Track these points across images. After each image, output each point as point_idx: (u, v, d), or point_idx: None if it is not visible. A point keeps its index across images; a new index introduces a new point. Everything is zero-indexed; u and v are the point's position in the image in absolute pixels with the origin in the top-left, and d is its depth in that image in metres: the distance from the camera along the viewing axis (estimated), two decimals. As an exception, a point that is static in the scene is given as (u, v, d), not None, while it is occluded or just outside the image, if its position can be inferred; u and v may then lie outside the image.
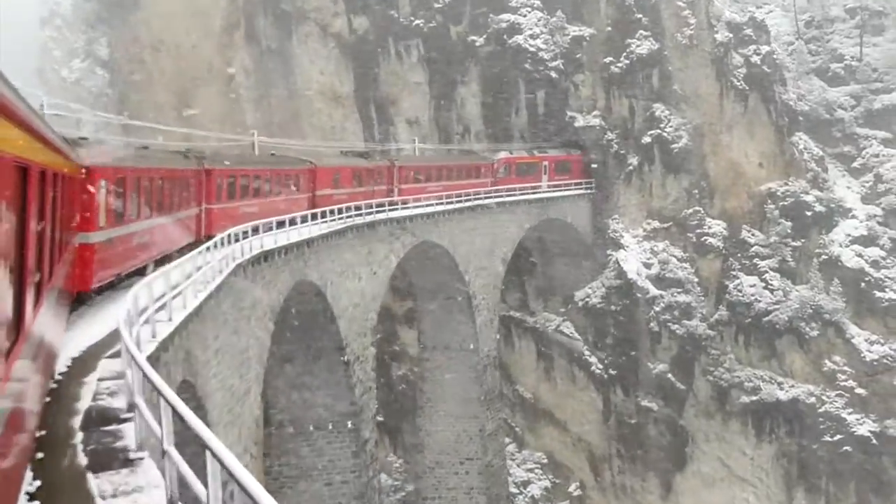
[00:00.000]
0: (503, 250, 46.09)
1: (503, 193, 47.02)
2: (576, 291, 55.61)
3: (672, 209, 55.36)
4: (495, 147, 56.86)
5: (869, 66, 58.37)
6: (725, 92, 54.08)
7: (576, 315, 55.24)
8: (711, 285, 54.02)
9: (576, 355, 54.17)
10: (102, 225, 15.76)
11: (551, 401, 54.73)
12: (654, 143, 54.95)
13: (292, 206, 30.93)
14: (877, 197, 54.42)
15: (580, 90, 57.30)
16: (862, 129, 56.94)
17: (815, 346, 51.91)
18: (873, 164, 55.47)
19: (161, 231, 20.28)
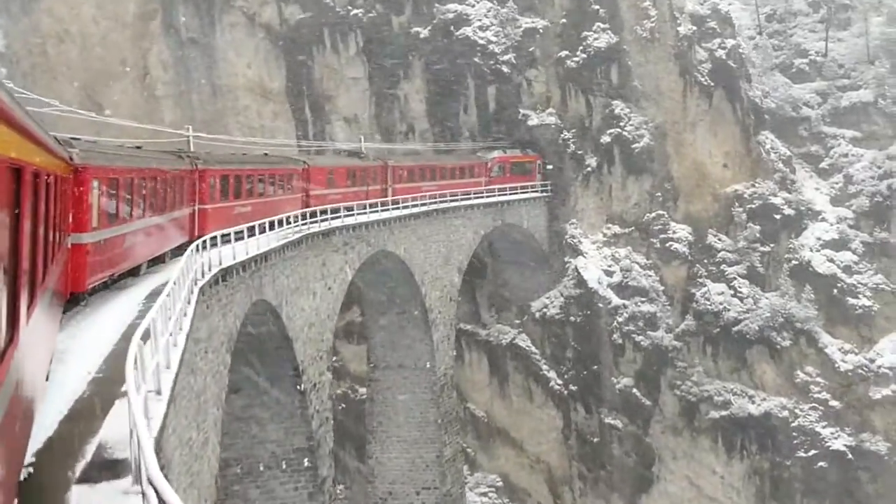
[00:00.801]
0: (459, 258, 46.95)
1: (458, 197, 48.28)
2: (532, 302, 57.48)
3: (634, 213, 57.95)
4: (442, 147, 58.64)
5: (835, 61, 62.58)
6: (689, 88, 57.20)
7: (532, 327, 57.06)
8: (677, 293, 56.52)
9: (533, 370, 55.84)
10: (95, 225, 17.22)
11: (506, 419, 56.15)
12: (614, 142, 57.50)
13: (286, 205, 33.74)
14: (847, 199, 58.08)
15: (533, 86, 59.64)
16: (829, 128, 60.84)
17: (787, 357, 54.67)
18: (842, 164, 59.26)
19: (154, 231, 22.14)
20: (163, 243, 23.52)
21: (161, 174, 22.94)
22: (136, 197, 20.38)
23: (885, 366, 53.69)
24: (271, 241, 26.79)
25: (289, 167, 36.77)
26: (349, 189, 42.27)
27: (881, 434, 52.98)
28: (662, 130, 57.76)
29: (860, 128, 60.35)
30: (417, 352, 45.19)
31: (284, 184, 35.63)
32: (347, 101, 62.92)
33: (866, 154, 58.69)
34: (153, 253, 22.44)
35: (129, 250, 20.03)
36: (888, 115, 59.21)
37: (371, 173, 45.78)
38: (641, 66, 58.16)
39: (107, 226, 18.00)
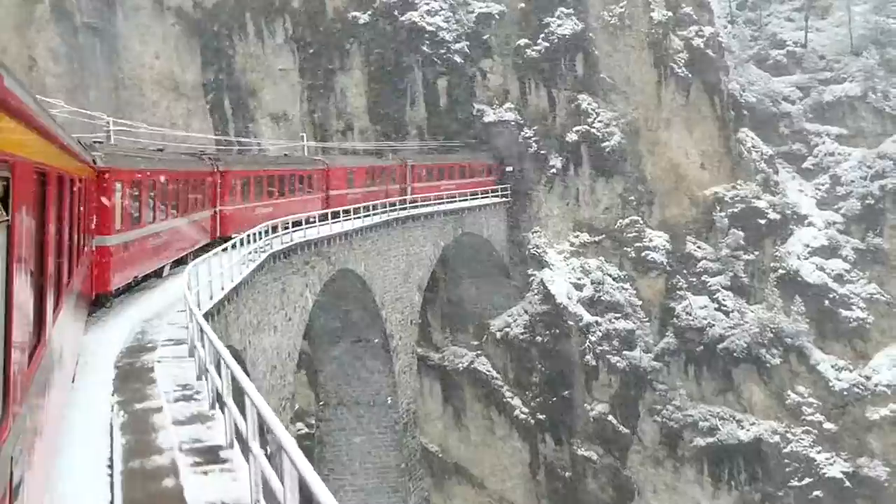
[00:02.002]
0: (419, 275, 47.84)
1: (418, 203, 49.52)
2: (491, 320, 59.45)
3: (604, 219, 60.76)
4: (386, 147, 60.22)
5: (815, 52, 67.50)
6: (664, 80, 60.69)
7: (493, 349, 58.97)
8: (655, 308, 59.27)
9: (494, 398, 57.43)
10: (119, 228, 19.98)
11: (464, 454, 57.74)
12: (581, 141, 60.40)
13: (306, 205, 38.88)
14: (835, 201, 62.39)
15: (489, 78, 62.18)
16: (812, 125, 65.42)
17: (777, 376, 57.91)
18: (828, 163, 63.74)
19: (176, 233, 25.48)
20: (185, 245, 26.90)
21: (182, 176, 26.39)
22: (159, 199, 23.41)
23: (882, 383, 57.40)
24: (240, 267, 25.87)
25: (309, 168, 42.55)
26: (369, 189, 48.01)
27: (880, 458, 56.32)
28: (634, 127, 60.90)
29: (846, 124, 65.04)
30: (376, 385, 45.34)
31: (304, 184, 40.90)
32: (275, 96, 64.14)
33: (854, 153, 63.29)
34: (176, 254, 25.83)
35: (153, 252, 23.07)
36: (877, 110, 64.11)
37: (390, 173, 51.42)
38: (610, 56, 61.47)
39: (130, 228, 20.76)
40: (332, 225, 36.38)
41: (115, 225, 19.78)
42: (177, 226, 25.75)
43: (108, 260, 19.18)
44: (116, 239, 19.81)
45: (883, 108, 63.99)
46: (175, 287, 21.87)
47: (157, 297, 21.92)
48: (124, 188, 20.41)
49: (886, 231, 60.90)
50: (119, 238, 19.98)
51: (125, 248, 20.44)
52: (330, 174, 44.40)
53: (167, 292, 22.32)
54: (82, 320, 15.28)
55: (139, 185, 21.64)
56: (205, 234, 29.95)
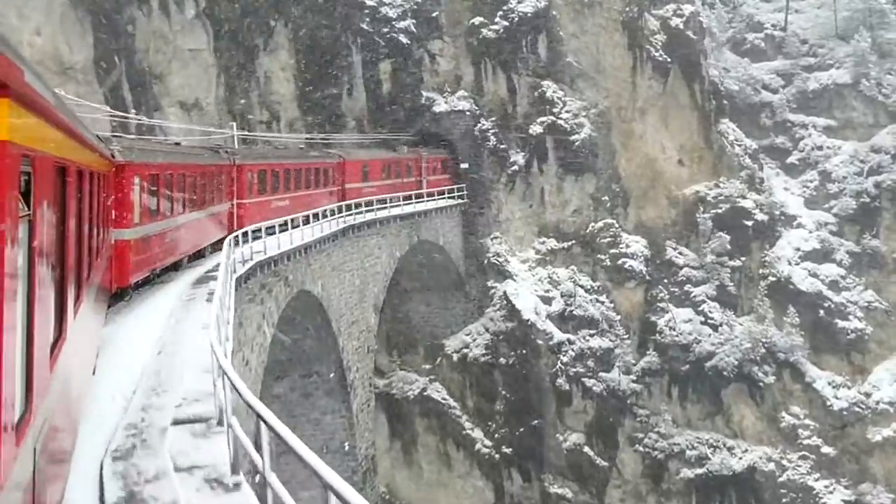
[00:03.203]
0: (374, 292, 46.42)
1: (374, 207, 47.57)
2: (446, 340, 58.54)
3: (574, 223, 60.42)
4: (319, 140, 58.78)
5: (796, 36, 69.48)
6: (640, 65, 60.82)
7: (448, 373, 58.11)
8: (634, 323, 59.23)
9: (451, 429, 56.43)
10: (137, 222, 21.92)
11: (415, 495, 56.52)
12: (546, 133, 59.88)
13: (322, 199, 42.89)
14: (825, 200, 64.04)
15: (438, 62, 61.37)
16: (796, 115, 66.87)
17: (770, 396, 58.42)
18: (816, 158, 65.47)
19: (194, 226, 28.06)
20: (202, 238, 29.91)
21: (200, 170, 28.98)
22: (176, 193, 25.78)
23: (883, 401, 58.78)
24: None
25: (324, 161, 46.64)
26: (384, 182, 52.97)
27: (882, 483, 57.18)
28: (606, 119, 60.73)
29: (833, 115, 66.77)
30: (329, 428, 43.57)
31: (321, 178, 44.99)
32: (184, 80, 61.67)
33: (845, 146, 65.17)
34: (194, 248, 28.68)
35: (171, 245, 25.38)
36: (869, 99, 66.02)
37: (405, 166, 55.85)
38: (577, 37, 61.51)
39: (148, 222, 22.85)
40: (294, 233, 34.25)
41: (134, 219, 21.70)
42: (194, 220, 28.41)
43: (126, 254, 20.93)
44: (135, 233, 21.67)
45: (875, 97, 66.00)
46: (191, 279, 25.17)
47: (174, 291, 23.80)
48: (142, 182, 22.43)
49: (882, 232, 62.70)
50: (137, 232, 21.85)
51: (144, 242, 22.38)
52: (346, 167, 48.80)
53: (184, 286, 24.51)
54: (102, 313, 16.81)
55: (157, 179, 23.81)
56: (222, 228, 33.04)
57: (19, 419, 5.17)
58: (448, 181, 59.66)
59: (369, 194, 48.33)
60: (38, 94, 5.37)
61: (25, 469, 5.17)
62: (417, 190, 54.94)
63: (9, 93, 4.62)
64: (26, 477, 5.22)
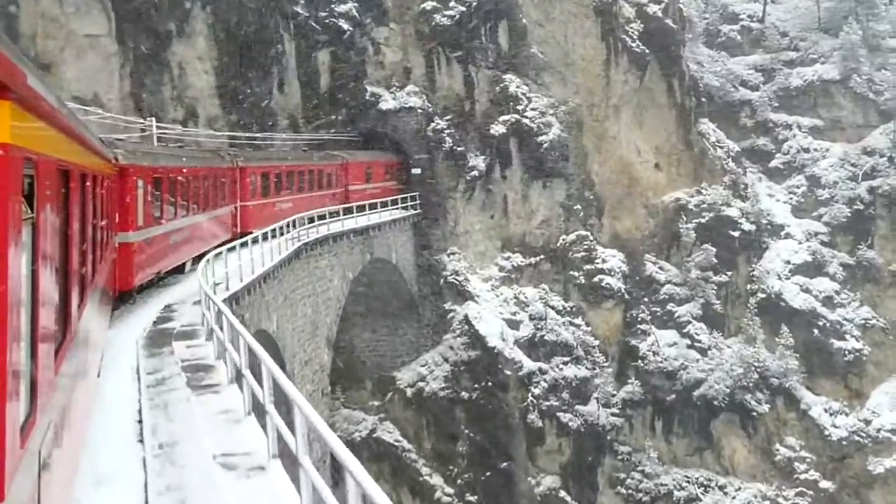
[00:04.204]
0: (327, 322, 40.04)
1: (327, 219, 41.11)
2: (397, 372, 51.77)
3: (542, 235, 53.78)
4: (244, 142, 50.88)
5: (776, 28, 62.91)
6: (615, 57, 54.08)
7: (401, 410, 51.31)
8: (612, 348, 52.76)
9: (406, 475, 50.00)
10: (141, 224, 22.28)
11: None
12: (510, 134, 53.35)
13: (325, 200, 43.91)
14: (814, 207, 57.56)
15: (384, 52, 54.32)
16: (778, 115, 60.55)
17: (763, 426, 52.72)
18: (802, 161, 58.88)
19: (198, 229, 28.46)
20: (206, 241, 29.88)
21: (203, 172, 29.53)
22: (180, 195, 26.15)
23: (884, 428, 52.98)
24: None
25: (327, 163, 47.03)
26: (387, 183, 52.62)
27: (886, 520, 52.10)
28: (577, 117, 54.22)
29: (819, 114, 60.58)
30: None
31: (323, 179, 45.68)
32: (80, 71, 52.51)
33: (833, 148, 58.76)
34: (197, 250, 28.54)
35: (175, 248, 25.75)
36: (858, 96, 59.81)
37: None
38: (542, 25, 54.43)
39: (152, 225, 23.10)
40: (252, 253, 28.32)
41: (138, 222, 21.86)
42: (198, 222, 28.80)
43: (130, 257, 21.16)
44: (138, 236, 21.89)
45: (866, 95, 59.72)
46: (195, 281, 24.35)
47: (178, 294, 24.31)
48: (146, 185, 22.54)
49: (878, 242, 56.55)
50: (141, 235, 22.09)
51: (147, 244, 22.64)
52: (349, 169, 48.54)
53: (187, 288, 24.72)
54: (107, 316, 17.07)
55: (160, 181, 24.04)
56: (226, 230, 33.46)
57: (24, 422, 5.09)
58: (394, 189, 52.26)
59: (372, 196, 48.97)
60: (41, 97, 5.37)
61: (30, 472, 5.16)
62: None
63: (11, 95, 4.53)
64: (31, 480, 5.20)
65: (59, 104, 6.46)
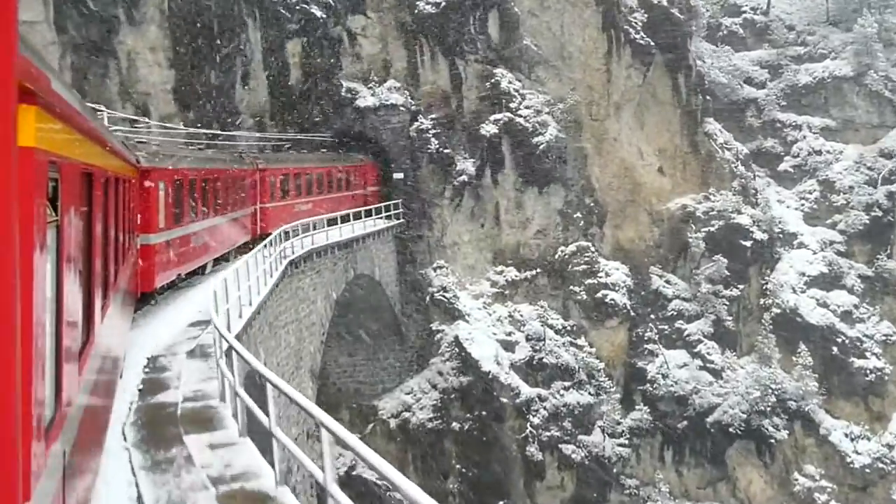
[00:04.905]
0: (310, 351, 35.03)
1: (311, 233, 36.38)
2: (378, 401, 47.34)
3: (538, 247, 49.35)
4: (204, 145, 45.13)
5: (781, 21, 58.07)
6: (618, 50, 49.36)
7: (384, 443, 46.80)
8: (617, 371, 47.85)
9: None
10: (163, 226, 23.08)
11: None
12: (502, 134, 49.00)
13: (347, 202, 43.90)
14: (828, 214, 52.97)
15: (361, 44, 49.42)
16: (786, 114, 55.93)
17: (780, 454, 48.35)
18: (814, 164, 54.19)
19: (218, 231, 30.04)
20: (227, 242, 31.32)
21: (224, 174, 30.51)
22: (201, 197, 27.25)
23: (910, 454, 48.33)
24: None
25: (347, 164, 46.42)
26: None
27: (914, 555, 47.73)
28: (576, 116, 49.71)
29: (830, 113, 55.93)
30: None
31: (343, 181, 45.27)
32: (14, 62, 46.80)
33: (847, 150, 54.18)
34: (218, 252, 30.05)
35: (196, 250, 26.78)
36: (874, 94, 55.25)
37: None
38: (536, 14, 49.78)
39: (173, 226, 23.94)
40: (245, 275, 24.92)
41: (159, 224, 22.21)
42: (219, 224, 29.21)
43: (152, 258, 21.51)
44: (160, 237, 22.23)
45: (881, 93, 55.11)
46: None
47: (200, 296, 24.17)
48: (167, 187, 22.93)
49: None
50: (163, 237, 22.46)
51: (169, 246, 23.02)
52: (367, 171, 47.87)
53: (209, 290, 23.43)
54: (129, 318, 17.13)
55: (182, 183, 24.44)
56: (246, 231, 33.91)
57: (49, 422, 5.06)
58: (374, 197, 48.02)
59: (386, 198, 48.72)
60: (65, 102, 5.34)
61: (55, 471, 5.12)
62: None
63: (36, 100, 4.46)
64: (56, 480, 5.16)
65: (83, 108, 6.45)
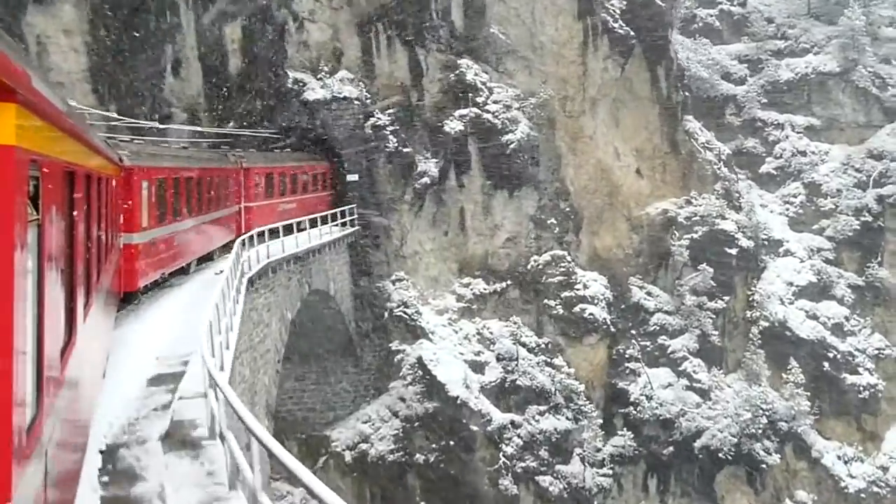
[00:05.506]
0: (265, 382, 29.86)
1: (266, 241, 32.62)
2: (330, 431, 42.72)
3: (509, 256, 45.58)
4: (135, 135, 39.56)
5: (760, 13, 54.23)
6: (594, 40, 45.28)
7: (338, 478, 42.07)
8: (596, 392, 43.40)
9: None
10: (146, 226, 22.76)
11: None
12: (468, 132, 45.05)
13: (323, 203, 43.34)
14: (815, 219, 49.37)
15: (308, 30, 44.75)
16: (767, 112, 52.18)
17: (771, 479, 44.97)
18: (798, 166, 50.50)
19: (202, 230, 29.65)
20: (211, 241, 30.90)
21: (207, 173, 30.28)
22: (185, 196, 26.86)
23: (905, 476, 44.91)
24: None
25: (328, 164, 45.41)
26: None
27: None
28: (549, 113, 45.74)
29: (813, 111, 52.20)
30: None
31: (327, 180, 44.25)
32: None
33: (832, 151, 50.68)
34: (202, 251, 29.57)
35: (179, 249, 26.34)
36: (861, 92, 51.71)
37: None
38: (504, 0, 44.29)
39: (157, 225, 23.63)
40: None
41: (142, 223, 21.93)
42: (203, 223, 28.85)
43: (135, 258, 21.06)
44: (143, 237, 21.93)
45: (868, 90, 51.47)
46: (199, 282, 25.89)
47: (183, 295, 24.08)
48: (151, 186, 22.70)
49: (888, 258, 48.66)
50: (146, 236, 22.13)
51: (152, 245, 22.74)
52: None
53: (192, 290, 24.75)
54: (112, 317, 16.81)
55: (165, 183, 24.17)
56: (230, 230, 33.26)
57: (31, 422, 5.04)
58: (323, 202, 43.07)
59: None
60: (46, 99, 5.30)
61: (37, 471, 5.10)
62: None
63: (16, 98, 4.48)
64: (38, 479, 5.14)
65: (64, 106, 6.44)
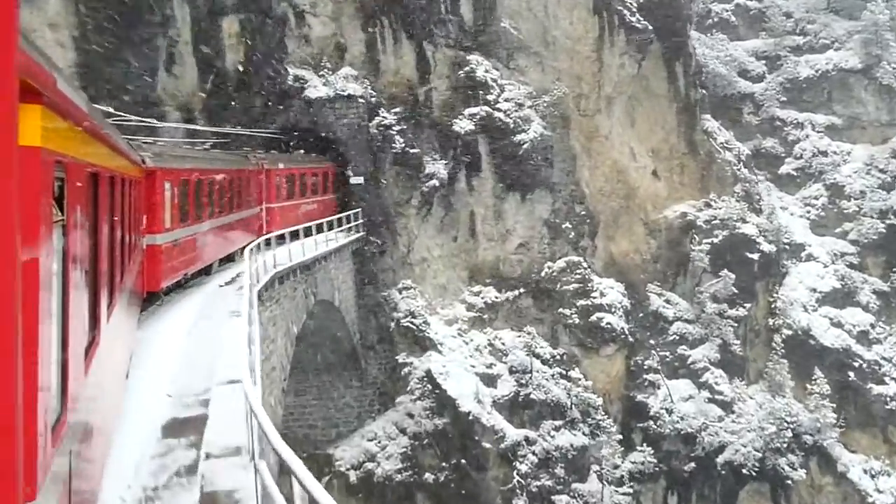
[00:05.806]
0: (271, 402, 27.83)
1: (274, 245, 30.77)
2: (334, 449, 40.42)
3: (521, 263, 43.88)
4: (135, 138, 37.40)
5: (778, 8, 52.16)
6: (611, 35, 43.73)
7: (344, 499, 39.67)
8: (614, 405, 41.37)
9: None
10: (168, 227, 22.81)
11: None
12: (479, 132, 43.36)
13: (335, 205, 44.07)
14: (837, 222, 47.52)
15: (310, 24, 43.10)
16: (786, 111, 50.19)
17: (796, 495, 43.26)
18: (819, 167, 48.62)
19: (224, 231, 29.66)
20: (233, 242, 30.75)
21: (229, 174, 30.33)
22: (207, 198, 26.95)
23: (934, 493, 43.04)
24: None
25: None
26: None
27: None
28: (563, 111, 43.84)
29: (834, 110, 50.44)
30: None
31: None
32: None
33: (855, 150, 48.92)
34: (224, 252, 29.65)
35: (201, 250, 26.45)
36: (884, 89, 49.94)
37: None
38: None
39: (179, 227, 23.66)
40: None
41: (165, 224, 21.84)
42: (225, 224, 28.91)
43: (158, 258, 21.07)
44: (166, 238, 21.88)
45: (891, 87, 50.28)
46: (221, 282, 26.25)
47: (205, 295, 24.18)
48: (173, 187, 22.59)
49: None
50: (168, 237, 22.12)
51: (175, 246, 22.75)
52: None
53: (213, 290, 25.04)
54: (135, 317, 16.95)
55: (187, 184, 24.06)
56: (252, 232, 32.85)
57: (55, 422, 5.06)
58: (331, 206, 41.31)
59: None
60: (70, 101, 5.29)
61: (62, 471, 5.13)
62: None
63: (42, 99, 4.46)
64: (63, 479, 5.16)
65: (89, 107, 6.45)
